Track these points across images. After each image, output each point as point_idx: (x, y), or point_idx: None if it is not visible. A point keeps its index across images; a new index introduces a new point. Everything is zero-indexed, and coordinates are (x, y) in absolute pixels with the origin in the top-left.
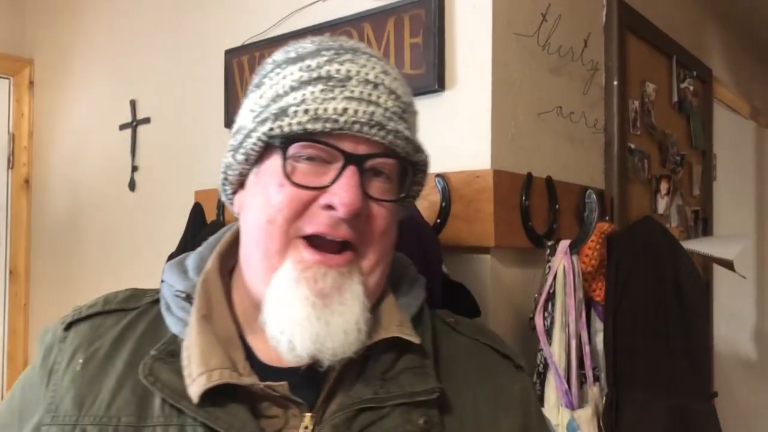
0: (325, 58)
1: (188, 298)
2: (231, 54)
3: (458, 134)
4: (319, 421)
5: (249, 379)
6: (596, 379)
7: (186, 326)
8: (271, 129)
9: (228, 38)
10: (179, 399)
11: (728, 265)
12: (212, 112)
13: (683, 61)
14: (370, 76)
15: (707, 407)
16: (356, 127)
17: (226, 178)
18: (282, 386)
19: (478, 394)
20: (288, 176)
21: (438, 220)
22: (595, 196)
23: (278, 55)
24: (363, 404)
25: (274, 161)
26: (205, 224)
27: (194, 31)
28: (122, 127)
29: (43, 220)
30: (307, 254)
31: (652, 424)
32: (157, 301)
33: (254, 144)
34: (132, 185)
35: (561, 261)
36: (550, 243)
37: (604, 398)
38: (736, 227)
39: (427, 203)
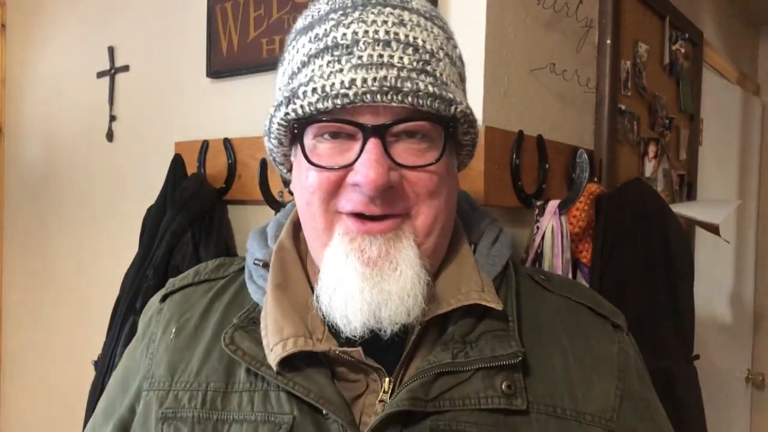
0: (332, 23)
1: (266, 266)
2: None
3: None
4: (398, 386)
5: (323, 346)
6: None
7: (264, 294)
8: (287, 114)
9: None
10: (260, 366)
11: (714, 229)
12: (194, 60)
13: (676, 23)
14: (380, 34)
15: (689, 369)
16: (368, 97)
17: (274, 159)
18: (356, 352)
19: (568, 356)
20: (310, 160)
21: None
22: (586, 156)
23: (299, 20)
24: (441, 368)
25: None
26: (185, 177)
27: None
28: (100, 74)
29: (16, 170)
30: (352, 224)
31: None
32: (242, 269)
33: (277, 129)
34: (110, 136)
35: (550, 221)
36: (539, 203)
37: None
38: (719, 193)
39: None
